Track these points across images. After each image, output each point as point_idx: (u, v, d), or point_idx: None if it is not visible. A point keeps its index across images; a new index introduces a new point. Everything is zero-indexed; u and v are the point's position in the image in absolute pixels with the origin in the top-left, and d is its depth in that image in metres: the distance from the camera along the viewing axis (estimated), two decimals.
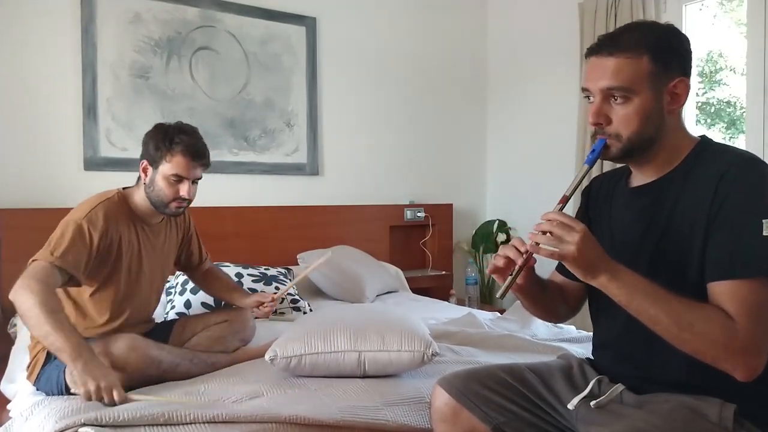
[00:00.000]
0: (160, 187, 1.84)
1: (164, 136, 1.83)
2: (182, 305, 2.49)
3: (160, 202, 1.86)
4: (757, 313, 1.04)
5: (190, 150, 1.84)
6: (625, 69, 1.15)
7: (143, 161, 1.87)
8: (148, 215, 1.91)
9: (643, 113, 1.16)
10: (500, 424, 1.28)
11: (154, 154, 1.83)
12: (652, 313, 1.06)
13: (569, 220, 1.09)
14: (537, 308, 1.39)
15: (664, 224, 1.18)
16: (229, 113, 3.24)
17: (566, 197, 1.18)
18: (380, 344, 1.74)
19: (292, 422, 1.45)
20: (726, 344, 1.03)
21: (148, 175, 1.86)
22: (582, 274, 1.10)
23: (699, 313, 1.05)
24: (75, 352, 1.52)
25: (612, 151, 1.20)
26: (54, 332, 1.53)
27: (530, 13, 3.86)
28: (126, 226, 1.85)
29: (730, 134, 3.23)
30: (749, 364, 1.04)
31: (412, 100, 3.89)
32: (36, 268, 1.63)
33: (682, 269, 1.13)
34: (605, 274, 1.09)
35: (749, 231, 1.05)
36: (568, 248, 1.07)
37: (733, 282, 1.05)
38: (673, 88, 1.17)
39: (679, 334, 1.05)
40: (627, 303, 1.09)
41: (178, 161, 1.83)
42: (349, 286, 2.96)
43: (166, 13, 3.05)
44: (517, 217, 3.95)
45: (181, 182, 1.85)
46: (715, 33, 3.22)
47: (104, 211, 1.78)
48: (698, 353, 1.06)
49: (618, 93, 1.16)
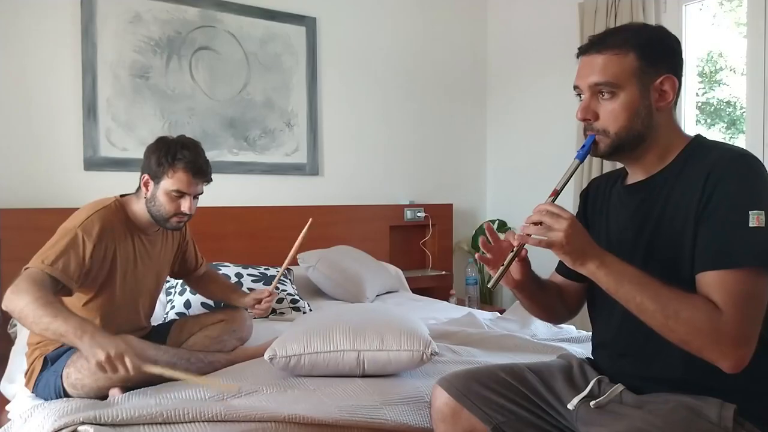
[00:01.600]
0: (161, 202, 1.83)
1: (166, 152, 1.82)
2: (182, 305, 2.49)
3: (161, 216, 1.86)
4: (743, 303, 1.04)
5: (191, 166, 1.83)
6: (611, 65, 1.18)
7: (144, 175, 1.85)
8: (145, 225, 1.90)
9: (629, 108, 1.18)
10: (500, 424, 1.28)
11: (156, 170, 1.82)
12: (638, 300, 1.08)
13: (557, 209, 1.12)
14: (536, 307, 1.40)
15: (656, 221, 1.19)
16: (229, 113, 3.24)
17: (557, 191, 1.20)
18: (379, 344, 1.74)
19: (291, 421, 1.45)
20: (711, 333, 1.03)
21: (149, 190, 1.85)
22: (570, 262, 1.12)
23: (685, 302, 1.06)
24: (78, 330, 1.50)
25: (601, 147, 1.22)
26: (53, 320, 1.51)
27: (530, 13, 3.86)
28: (122, 235, 1.84)
29: (730, 134, 3.22)
30: (735, 354, 1.04)
31: (412, 100, 3.89)
32: (27, 274, 1.62)
33: (674, 265, 1.14)
34: (593, 261, 1.11)
35: (736, 222, 1.06)
36: (556, 235, 1.09)
37: (719, 272, 1.06)
38: (660, 84, 1.19)
39: (665, 322, 1.06)
40: (615, 290, 1.10)
41: (180, 177, 1.82)
42: (349, 286, 2.96)
43: (166, 13, 3.06)
44: (517, 217, 3.95)
45: (183, 197, 1.84)
46: (715, 33, 3.22)
47: (101, 220, 1.77)
48: (684, 342, 1.07)
49: (605, 88, 1.19)
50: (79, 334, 1.50)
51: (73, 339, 1.51)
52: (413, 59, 3.88)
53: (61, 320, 1.51)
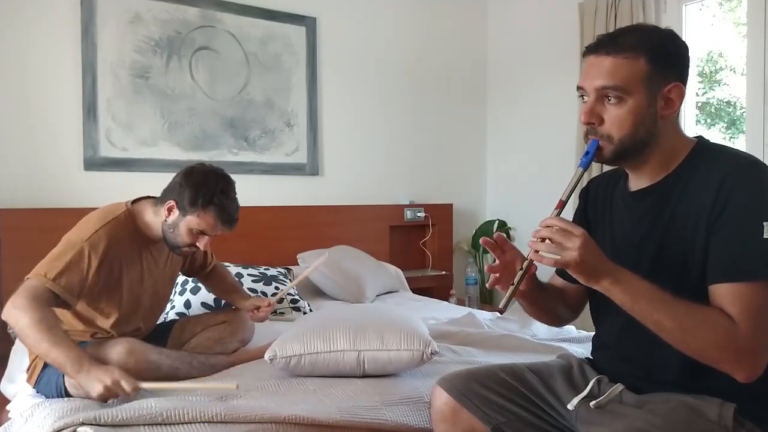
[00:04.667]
0: (180, 233, 1.80)
1: (204, 193, 1.77)
2: (182, 305, 2.49)
3: (174, 244, 1.84)
4: (758, 316, 1.04)
5: (224, 216, 1.80)
6: (621, 69, 1.15)
7: (171, 201, 1.80)
8: (154, 236, 1.87)
9: (636, 115, 1.15)
10: (500, 424, 1.28)
11: (187, 205, 1.77)
12: (655, 318, 1.06)
13: (568, 225, 1.09)
14: (538, 312, 1.40)
15: (664, 228, 1.18)
16: (229, 113, 3.24)
17: (563, 202, 1.17)
18: (379, 343, 1.74)
19: (292, 422, 1.45)
20: (728, 347, 1.03)
21: (171, 215, 1.80)
22: (585, 280, 1.10)
23: (701, 316, 1.05)
24: (76, 365, 1.52)
25: (604, 153, 1.20)
26: (53, 348, 1.53)
27: (530, 13, 3.86)
28: (129, 247, 1.81)
29: (730, 134, 3.22)
30: (751, 365, 1.04)
31: (412, 99, 3.89)
32: (28, 288, 1.60)
33: (682, 272, 1.13)
34: (608, 278, 1.08)
35: (751, 234, 1.05)
36: (570, 255, 1.06)
37: (734, 285, 1.06)
38: (668, 92, 1.17)
39: (682, 338, 1.06)
40: (630, 307, 1.08)
41: (209, 221, 1.79)
42: (349, 286, 2.96)
43: (166, 13, 3.05)
44: (517, 217, 3.95)
45: (203, 236, 1.83)
46: (715, 33, 3.21)
47: (108, 236, 1.73)
48: (701, 356, 1.06)
49: (612, 93, 1.16)
50: (77, 368, 1.52)
51: (70, 372, 1.53)
52: (413, 59, 3.88)
53: (59, 350, 1.53)
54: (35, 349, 1.58)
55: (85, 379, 1.52)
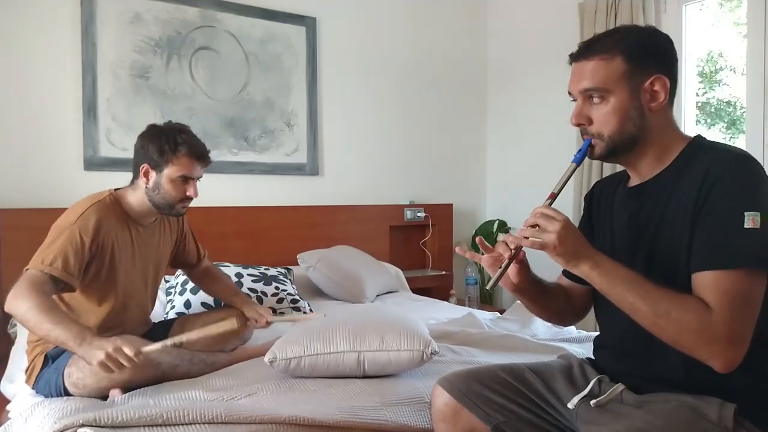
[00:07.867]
0: (167, 190, 1.84)
1: (166, 139, 1.83)
2: (182, 305, 2.49)
3: (167, 204, 1.87)
4: (735, 304, 1.05)
5: (194, 150, 1.86)
6: (600, 70, 1.20)
7: (144, 165, 1.85)
8: (141, 216, 1.91)
9: (620, 112, 1.20)
10: (500, 423, 1.28)
11: (158, 159, 1.83)
12: (630, 300, 1.09)
13: (551, 211, 1.14)
14: (538, 309, 1.40)
15: (657, 223, 1.19)
16: (229, 113, 3.24)
17: (554, 194, 1.22)
18: (379, 344, 1.74)
19: (292, 423, 1.44)
20: (701, 332, 1.04)
21: (150, 179, 1.85)
22: (564, 263, 1.14)
23: (676, 301, 1.07)
24: (78, 338, 1.54)
25: (597, 150, 1.24)
26: (55, 327, 1.55)
27: (530, 13, 3.86)
28: (119, 227, 1.85)
29: (730, 134, 3.23)
30: (726, 353, 1.04)
31: (412, 99, 3.89)
32: (28, 277, 1.63)
33: (674, 267, 1.15)
34: (587, 262, 1.12)
35: (731, 223, 1.07)
36: (549, 237, 1.11)
37: (713, 272, 1.07)
38: (651, 85, 1.19)
39: (656, 321, 1.07)
40: (608, 291, 1.12)
41: (184, 163, 1.84)
42: (349, 286, 2.96)
43: (166, 13, 3.05)
44: (517, 218, 3.95)
45: (187, 182, 1.87)
46: (715, 33, 3.21)
47: (96, 214, 1.77)
48: (675, 342, 1.08)
49: (595, 93, 1.21)
50: (78, 341, 1.53)
51: (73, 346, 1.54)
52: (413, 59, 3.88)
53: (62, 328, 1.54)
54: (38, 332, 1.59)
55: (87, 348, 1.53)
